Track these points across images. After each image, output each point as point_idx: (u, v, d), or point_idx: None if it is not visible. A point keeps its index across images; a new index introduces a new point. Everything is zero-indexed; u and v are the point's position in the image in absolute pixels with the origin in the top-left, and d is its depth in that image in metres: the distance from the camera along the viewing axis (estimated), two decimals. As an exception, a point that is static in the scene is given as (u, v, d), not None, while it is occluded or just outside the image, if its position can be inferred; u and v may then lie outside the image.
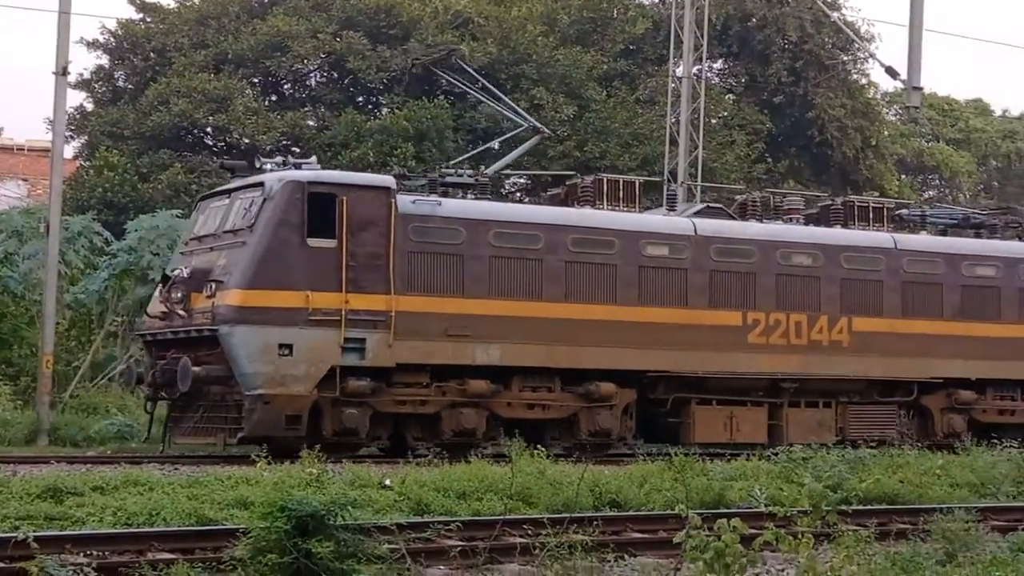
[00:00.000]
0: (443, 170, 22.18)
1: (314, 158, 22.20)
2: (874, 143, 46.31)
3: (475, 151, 27.93)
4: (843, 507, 11.63)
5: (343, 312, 19.34)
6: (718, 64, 46.60)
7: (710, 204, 24.27)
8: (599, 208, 22.21)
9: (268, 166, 20.95)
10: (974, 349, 24.49)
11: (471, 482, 14.75)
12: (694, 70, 31.17)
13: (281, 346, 18.96)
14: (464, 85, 26.66)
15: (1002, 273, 25.22)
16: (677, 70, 32.29)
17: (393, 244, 19.80)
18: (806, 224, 24.49)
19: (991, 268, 25.16)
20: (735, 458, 18.78)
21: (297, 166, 20.60)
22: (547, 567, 8.11)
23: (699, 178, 28.50)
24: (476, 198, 21.50)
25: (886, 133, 50.33)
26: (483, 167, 23.19)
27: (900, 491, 16.78)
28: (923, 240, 25.14)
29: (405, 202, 20.16)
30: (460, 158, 25.65)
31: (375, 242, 19.72)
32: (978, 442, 22.12)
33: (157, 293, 20.76)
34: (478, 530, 11.88)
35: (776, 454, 18.35)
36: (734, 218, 23.81)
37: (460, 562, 10.42)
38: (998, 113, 63.15)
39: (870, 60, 46.41)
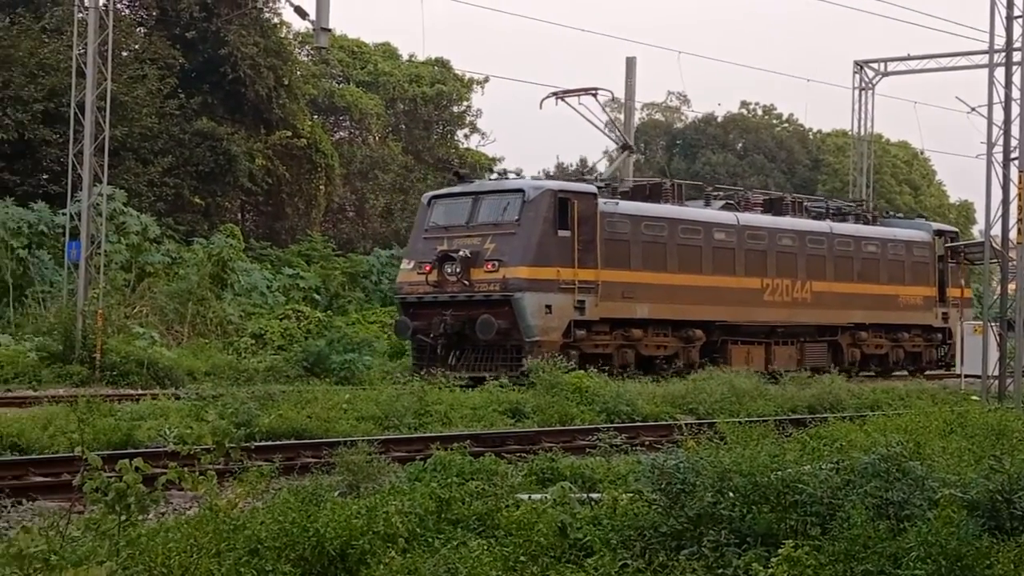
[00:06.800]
0: (585, 177, 30.33)
1: (523, 169, 29.69)
2: (287, 83, 46.88)
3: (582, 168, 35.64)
4: (248, 443, 12.06)
5: (575, 282, 27.38)
6: (129, -5, 45.79)
7: (728, 201, 33.53)
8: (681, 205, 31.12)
9: (495, 176, 28.40)
10: (867, 303, 35.35)
11: None
12: (102, 0, 28.63)
13: (546, 306, 26.87)
14: None
15: (880, 249, 36.21)
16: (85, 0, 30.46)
17: (599, 233, 27.95)
18: (762, 213, 34.27)
19: (874, 246, 36.08)
20: (144, 398, 19.55)
21: (517, 175, 28.29)
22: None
23: (107, 112, 27.72)
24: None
25: (298, 73, 50.99)
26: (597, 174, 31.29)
27: (308, 426, 17.09)
28: (845, 227, 35.67)
29: (601, 203, 28.30)
30: (570, 172, 33.56)
31: (589, 232, 27.84)
32: (860, 368, 33.63)
33: (409, 267, 27.83)
34: None
35: (187, 394, 19.25)
36: (738, 210, 33.25)
37: None
38: (405, 57, 64.45)
39: (281, -1, 47.75)
